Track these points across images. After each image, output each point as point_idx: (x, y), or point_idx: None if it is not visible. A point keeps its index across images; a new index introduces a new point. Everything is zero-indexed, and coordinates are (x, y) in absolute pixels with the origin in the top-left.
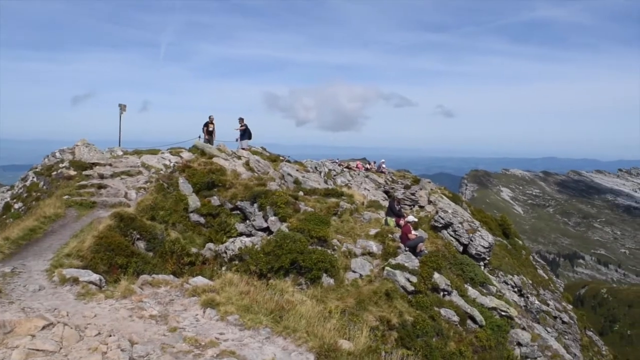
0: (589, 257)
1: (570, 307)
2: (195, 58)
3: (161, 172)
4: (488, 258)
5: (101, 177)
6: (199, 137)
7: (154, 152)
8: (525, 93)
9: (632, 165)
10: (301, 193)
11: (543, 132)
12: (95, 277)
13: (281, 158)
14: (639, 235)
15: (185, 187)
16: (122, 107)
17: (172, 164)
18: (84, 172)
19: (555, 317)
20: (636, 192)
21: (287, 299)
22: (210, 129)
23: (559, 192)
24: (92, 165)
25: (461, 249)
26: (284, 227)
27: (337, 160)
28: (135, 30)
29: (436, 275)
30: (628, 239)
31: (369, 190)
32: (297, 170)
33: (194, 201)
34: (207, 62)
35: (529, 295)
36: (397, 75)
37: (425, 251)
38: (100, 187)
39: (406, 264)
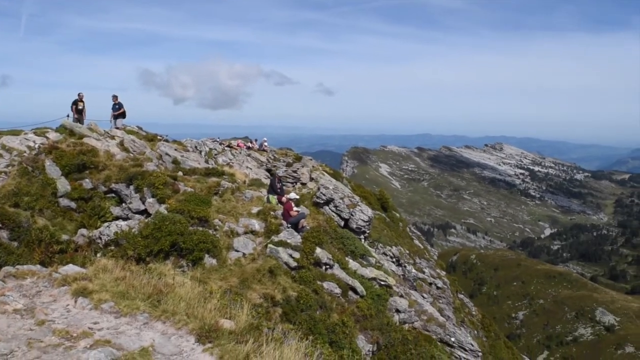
0: (459, 227)
1: (443, 273)
2: (62, 31)
3: (25, 154)
4: (368, 231)
5: None
6: (68, 116)
7: (15, 132)
8: (401, 72)
9: (496, 140)
10: (180, 173)
11: (418, 110)
12: None
13: (159, 137)
14: (502, 205)
15: (52, 170)
16: None
17: (37, 146)
18: None
19: (430, 284)
20: (500, 165)
21: (165, 282)
22: (80, 107)
23: (432, 166)
24: None
25: (342, 223)
26: (162, 208)
27: (218, 139)
28: None
29: (318, 250)
30: (493, 209)
31: (251, 168)
32: (175, 149)
33: (63, 185)
34: (75, 35)
35: (406, 265)
36: (277, 53)
37: (307, 227)
38: None
39: (289, 241)
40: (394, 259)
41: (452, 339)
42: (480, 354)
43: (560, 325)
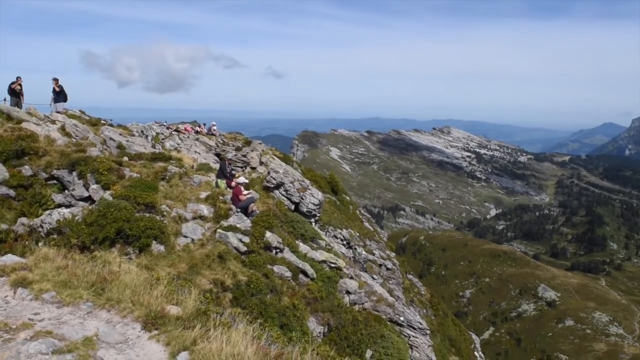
0: (408, 209)
1: (393, 254)
2: None
3: None
4: (318, 214)
5: None
6: (4, 99)
7: None
8: (351, 56)
9: (444, 124)
10: (126, 158)
11: (368, 94)
12: None
13: (103, 122)
14: (450, 187)
15: None
16: None
17: None
18: None
19: (380, 265)
20: (447, 148)
21: (110, 270)
22: (18, 90)
23: (382, 150)
24: None
25: (293, 207)
26: (107, 195)
27: (165, 123)
28: None
29: (268, 234)
30: (441, 191)
31: (199, 153)
32: (120, 134)
33: (0, 172)
34: (12, 14)
35: (356, 247)
36: (226, 35)
37: (257, 211)
38: None
39: (238, 225)
40: (345, 242)
41: (401, 318)
42: (428, 331)
43: (505, 302)
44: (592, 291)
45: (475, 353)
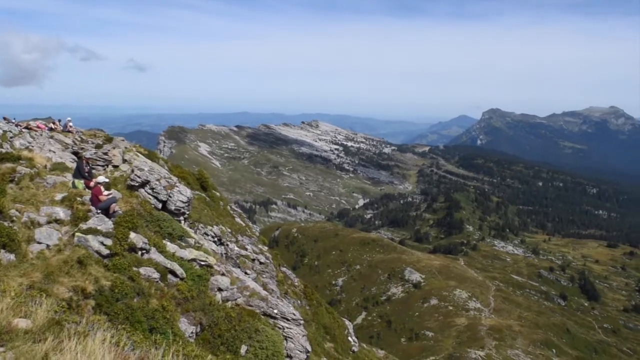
0: (280, 202)
1: (266, 248)
2: None
3: None
4: (187, 212)
5: None
6: None
7: None
8: (218, 50)
9: (312, 118)
10: None
11: (236, 89)
12: None
13: None
14: (320, 179)
15: None
16: None
17: None
18: None
19: (253, 260)
20: (316, 141)
21: None
22: None
23: (251, 144)
24: None
25: (160, 206)
26: None
27: (14, 120)
28: None
29: (132, 234)
30: (311, 183)
31: (54, 152)
32: None
33: None
34: None
35: (228, 243)
36: (81, 25)
37: (120, 211)
38: None
39: (99, 227)
40: (216, 239)
41: (275, 311)
42: (302, 321)
43: (375, 287)
44: (453, 271)
45: (349, 338)
